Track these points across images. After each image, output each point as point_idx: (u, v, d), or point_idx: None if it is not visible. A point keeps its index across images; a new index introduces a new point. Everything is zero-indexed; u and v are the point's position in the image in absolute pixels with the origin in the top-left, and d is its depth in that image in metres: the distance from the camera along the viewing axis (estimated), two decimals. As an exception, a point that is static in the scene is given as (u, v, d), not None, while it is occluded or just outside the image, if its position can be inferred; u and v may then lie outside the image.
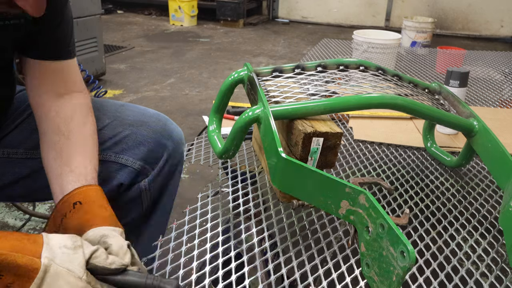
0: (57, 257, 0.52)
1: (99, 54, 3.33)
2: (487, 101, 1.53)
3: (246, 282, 0.65)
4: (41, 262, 0.51)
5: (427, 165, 1.05)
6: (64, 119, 0.79)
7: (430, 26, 4.03)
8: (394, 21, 5.95)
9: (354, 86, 0.89)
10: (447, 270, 0.69)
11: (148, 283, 0.57)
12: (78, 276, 0.52)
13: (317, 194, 0.66)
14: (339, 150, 0.78)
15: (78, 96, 0.84)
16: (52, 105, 0.81)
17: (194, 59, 4.29)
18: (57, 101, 0.81)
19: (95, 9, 3.17)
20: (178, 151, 0.95)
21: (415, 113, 0.84)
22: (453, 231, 0.80)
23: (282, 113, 0.77)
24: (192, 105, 3.15)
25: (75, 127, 0.79)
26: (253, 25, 6.05)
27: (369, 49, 1.73)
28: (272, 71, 0.88)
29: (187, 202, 0.88)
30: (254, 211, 0.82)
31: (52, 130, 0.79)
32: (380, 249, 0.58)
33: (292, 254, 0.71)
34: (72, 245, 0.55)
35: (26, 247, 0.52)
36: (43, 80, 0.82)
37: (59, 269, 0.52)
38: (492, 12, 5.60)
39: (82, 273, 0.53)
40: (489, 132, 0.86)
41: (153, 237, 0.95)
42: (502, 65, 2.05)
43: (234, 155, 0.83)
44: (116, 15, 6.44)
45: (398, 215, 0.84)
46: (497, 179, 0.85)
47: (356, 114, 1.31)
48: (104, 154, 0.88)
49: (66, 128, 0.78)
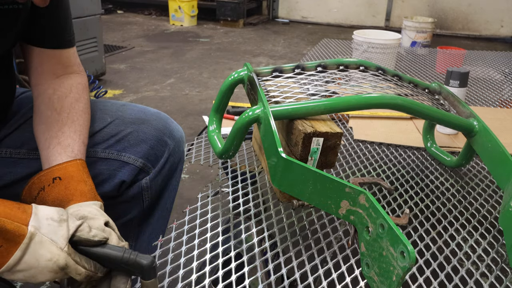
0: (43, 227, 0.56)
1: (99, 54, 3.32)
2: (487, 101, 1.53)
3: (246, 282, 0.65)
4: (28, 230, 0.55)
5: (427, 165, 1.05)
6: (58, 96, 0.83)
7: (430, 26, 4.03)
8: (394, 21, 5.95)
9: (354, 86, 0.89)
10: (447, 270, 0.69)
11: (125, 256, 0.59)
12: (60, 247, 0.56)
13: (317, 194, 0.66)
14: (339, 150, 0.78)
15: (75, 76, 0.88)
16: (50, 84, 0.85)
17: (194, 59, 4.29)
18: (54, 81, 0.85)
19: (95, 9, 3.17)
20: (179, 149, 0.95)
21: (415, 113, 0.84)
22: (453, 231, 0.80)
23: (282, 113, 0.77)
24: (192, 105, 3.15)
25: (68, 103, 0.82)
26: (253, 25, 6.04)
27: (369, 49, 1.73)
28: (272, 71, 0.88)
29: (187, 202, 0.88)
30: (254, 211, 0.82)
31: (45, 105, 0.82)
32: (380, 249, 0.58)
33: (292, 254, 0.71)
34: (58, 218, 0.58)
35: (16, 215, 0.56)
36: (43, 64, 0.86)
37: (43, 238, 0.55)
38: (492, 12, 5.60)
39: (64, 244, 0.56)
40: (489, 132, 0.86)
41: (154, 236, 0.96)
42: (502, 65, 2.05)
43: (234, 155, 0.83)
44: (116, 15, 6.44)
45: (398, 215, 0.84)
46: (497, 179, 0.85)
47: (356, 114, 1.31)
48: (106, 152, 0.88)
49: (59, 105, 0.82)
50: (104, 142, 0.88)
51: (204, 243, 0.74)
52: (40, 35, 0.85)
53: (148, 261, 0.59)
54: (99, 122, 0.89)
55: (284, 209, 0.82)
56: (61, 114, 0.80)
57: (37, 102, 0.83)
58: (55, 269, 0.56)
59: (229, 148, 0.81)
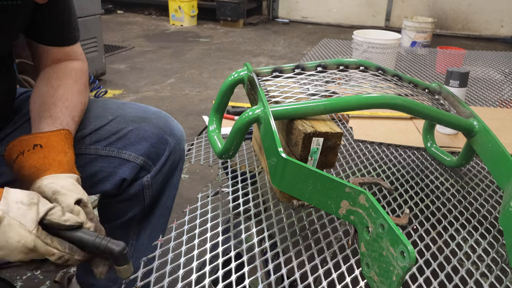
0: (12, 211, 0.58)
1: (99, 54, 3.32)
2: (487, 101, 1.53)
3: (246, 282, 0.65)
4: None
5: (427, 165, 1.05)
6: (58, 76, 0.86)
7: (430, 26, 4.03)
8: (394, 21, 5.95)
9: (354, 86, 0.89)
10: (447, 270, 0.69)
11: (97, 241, 0.61)
12: (28, 230, 0.58)
13: (317, 194, 0.66)
14: (339, 150, 0.78)
15: (77, 62, 0.92)
16: (51, 68, 0.88)
17: (194, 59, 4.29)
18: (56, 64, 0.89)
19: (95, 9, 3.17)
20: (179, 148, 0.95)
21: (415, 113, 0.84)
22: (453, 231, 0.80)
23: (282, 113, 0.77)
24: (192, 105, 3.15)
25: (64, 83, 0.85)
26: (253, 25, 6.04)
27: (369, 49, 1.73)
28: (272, 71, 0.88)
29: (187, 202, 0.88)
30: (254, 211, 0.82)
31: (43, 83, 0.85)
32: (380, 249, 0.58)
33: (292, 254, 0.71)
34: (28, 202, 0.60)
35: None
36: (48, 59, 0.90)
37: (12, 222, 0.57)
38: (492, 12, 5.60)
39: (32, 227, 0.58)
40: (489, 132, 0.86)
41: (155, 234, 0.96)
42: (502, 65, 2.05)
43: (234, 155, 0.83)
44: (116, 15, 6.44)
45: (398, 215, 0.84)
46: (497, 179, 0.85)
47: (356, 114, 1.31)
48: (107, 150, 0.89)
49: (56, 83, 0.84)
50: (105, 139, 0.88)
51: (204, 243, 0.74)
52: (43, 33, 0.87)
53: (119, 247, 0.60)
54: (100, 120, 0.90)
55: (284, 209, 0.82)
56: (57, 91, 0.83)
57: (37, 82, 0.87)
58: (24, 250, 0.58)
59: (229, 148, 0.81)
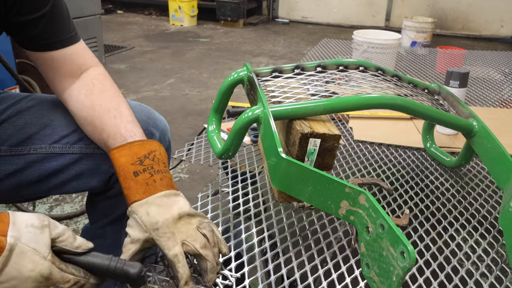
0: (23, 236, 0.54)
1: (99, 54, 3.32)
2: (487, 101, 1.53)
3: (246, 282, 0.65)
4: (7, 241, 0.52)
5: (427, 166, 1.05)
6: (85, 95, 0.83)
7: (430, 26, 4.03)
8: (394, 21, 5.95)
9: (354, 86, 0.89)
10: (447, 270, 0.70)
11: (112, 265, 0.56)
12: (43, 255, 0.54)
13: (317, 195, 0.66)
14: (337, 152, 0.78)
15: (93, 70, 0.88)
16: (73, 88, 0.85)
17: (194, 59, 4.29)
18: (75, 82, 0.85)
19: (95, 9, 3.17)
20: (164, 139, 0.95)
21: (415, 113, 0.84)
22: (453, 232, 0.80)
23: (282, 113, 0.77)
24: (192, 105, 3.15)
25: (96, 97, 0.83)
26: (253, 25, 6.05)
27: (369, 49, 1.73)
28: (272, 71, 0.88)
29: (187, 202, 0.88)
30: (254, 211, 0.82)
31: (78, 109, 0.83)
32: (380, 249, 0.58)
33: (292, 254, 0.71)
34: (40, 225, 0.55)
35: None
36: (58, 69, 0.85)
37: (24, 248, 0.53)
38: (492, 12, 5.60)
39: (47, 253, 0.54)
40: (489, 132, 0.86)
41: None
42: (502, 65, 2.05)
43: (233, 156, 0.83)
44: (116, 15, 6.44)
45: (398, 215, 0.84)
46: (497, 180, 0.85)
47: (356, 114, 1.31)
48: (91, 148, 0.87)
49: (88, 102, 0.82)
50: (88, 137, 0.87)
51: (204, 243, 0.73)
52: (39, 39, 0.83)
53: (136, 269, 0.56)
54: None
55: (284, 209, 0.82)
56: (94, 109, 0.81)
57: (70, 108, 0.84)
58: (38, 279, 0.53)
59: (229, 148, 0.81)
